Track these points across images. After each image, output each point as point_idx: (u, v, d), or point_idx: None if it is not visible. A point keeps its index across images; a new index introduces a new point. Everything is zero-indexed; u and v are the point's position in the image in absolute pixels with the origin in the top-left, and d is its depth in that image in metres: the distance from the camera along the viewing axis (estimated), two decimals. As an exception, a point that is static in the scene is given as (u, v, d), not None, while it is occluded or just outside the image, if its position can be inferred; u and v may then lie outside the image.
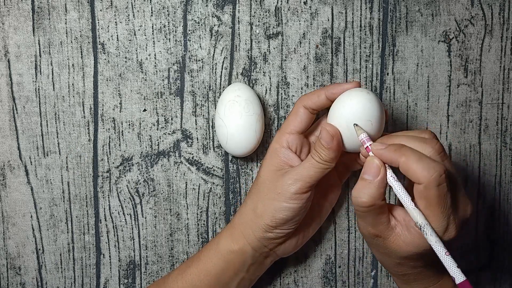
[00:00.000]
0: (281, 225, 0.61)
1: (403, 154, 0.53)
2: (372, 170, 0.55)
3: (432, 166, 0.52)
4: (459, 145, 0.70)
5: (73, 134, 0.68)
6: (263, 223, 0.61)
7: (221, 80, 0.68)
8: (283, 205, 0.60)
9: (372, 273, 0.71)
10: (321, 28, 0.67)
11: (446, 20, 0.68)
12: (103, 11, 0.66)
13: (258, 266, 0.64)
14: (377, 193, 0.54)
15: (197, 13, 0.67)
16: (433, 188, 0.52)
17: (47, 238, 0.70)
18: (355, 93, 0.58)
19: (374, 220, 0.55)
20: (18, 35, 0.67)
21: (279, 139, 0.63)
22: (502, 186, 0.71)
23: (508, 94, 0.69)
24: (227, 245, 0.63)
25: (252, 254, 0.62)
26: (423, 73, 0.68)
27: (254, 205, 0.62)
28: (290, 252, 0.65)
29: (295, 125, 0.62)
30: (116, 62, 0.67)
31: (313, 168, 0.59)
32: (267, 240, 0.62)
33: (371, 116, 0.57)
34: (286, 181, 0.60)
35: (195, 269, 0.63)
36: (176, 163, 0.69)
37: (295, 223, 0.61)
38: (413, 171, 0.53)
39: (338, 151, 0.59)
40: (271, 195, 0.61)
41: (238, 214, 0.64)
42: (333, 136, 0.58)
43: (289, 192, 0.60)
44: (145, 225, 0.70)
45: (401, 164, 0.53)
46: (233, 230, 0.63)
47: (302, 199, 0.60)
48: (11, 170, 0.68)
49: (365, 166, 0.55)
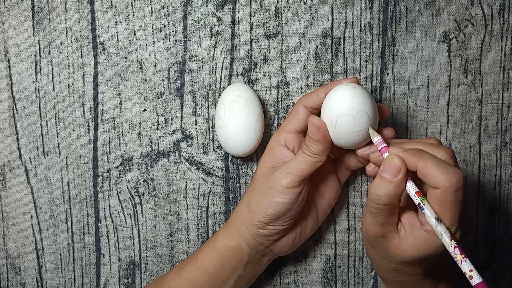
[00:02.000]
0: (273, 220, 0.61)
1: (421, 158, 0.54)
2: (392, 169, 0.55)
3: (452, 171, 0.53)
4: (459, 145, 0.70)
5: (73, 134, 0.68)
6: (256, 220, 0.61)
7: (221, 80, 0.68)
8: (274, 199, 0.60)
9: (372, 273, 0.71)
10: (321, 28, 0.67)
11: (446, 20, 0.68)
12: (103, 11, 0.66)
13: (256, 264, 0.64)
14: (394, 193, 0.55)
15: (197, 13, 0.67)
16: (451, 193, 0.52)
17: (47, 238, 0.70)
18: (341, 87, 0.58)
19: (385, 220, 0.55)
20: (18, 35, 0.67)
21: (277, 137, 0.63)
22: (502, 186, 0.71)
23: (508, 94, 0.69)
24: (224, 243, 0.63)
25: (248, 251, 0.62)
26: (423, 73, 0.68)
27: (249, 202, 0.62)
28: (288, 251, 0.65)
29: (293, 124, 0.62)
30: (116, 62, 0.67)
31: (303, 162, 0.60)
32: (261, 237, 0.62)
33: (353, 110, 0.58)
34: (277, 175, 0.60)
35: (193, 267, 0.63)
36: (176, 163, 0.69)
37: (288, 219, 0.61)
38: (432, 176, 0.53)
39: (326, 143, 0.59)
40: (264, 190, 0.61)
41: (234, 212, 0.64)
42: (319, 128, 0.59)
43: (280, 186, 0.60)
44: (145, 225, 0.70)
45: (420, 167, 0.54)
46: (229, 227, 0.63)
47: (294, 194, 0.60)
48: (11, 170, 0.68)
49: (385, 165, 0.55)
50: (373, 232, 0.56)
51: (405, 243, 0.55)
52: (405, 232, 0.56)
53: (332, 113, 0.58)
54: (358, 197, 0.70)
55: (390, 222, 0.56)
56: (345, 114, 0.58)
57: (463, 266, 0.52)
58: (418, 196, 0.55)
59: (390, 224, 0.56)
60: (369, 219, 0.56)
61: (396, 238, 0.56)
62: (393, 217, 0.56)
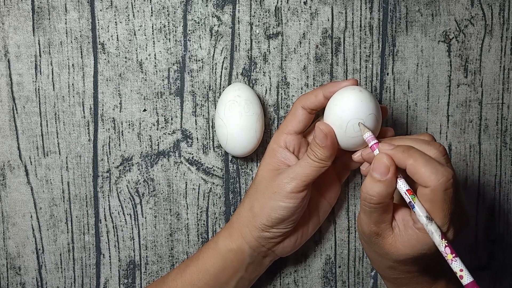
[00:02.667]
0: (277, 224, 0.61)
1: (411, 156, 0.53)
2: (381, 168, 0.54)
3: (441, 170, 0.52)
4: (459, 145, 0.70)
5: (73, 134, 0.68)
6: (260, 223, 0.61)
7: (221, 80, 0.68)
8: (279, 204, 0.60)
9: (372, 273, 0.71)
10: (321, 28, 0.67)
11: (446, 20, 0.68)
12: (103, 11, 0.66)
13: (257, 265, 0.64)
14: (386, 192, 0.54)
15: (197, 13, 0.67)
16: (440, 192, 0.52)
17: (47, 238, 0.70)
18: (348, 91, 0.58)
19: (378, 218, 0.55)
20: (18, 35, 0.67)
21: (277, 139, 0.63)
22: (502, 186, 0.71)
23: (508, 94, 0.69)
24: (226, 244, 0.63)
25: (250, 253, 0.62)
26: (423, 73, 0.68)
27: (251, 205, 0.62)
28: (289, 252, 0.65)
29: (293, 125, 0.62)
30: (116, 62, 0.67)
31: (309, 167, 0.59)
32: (264, 239, 0.62)
33: (363, 114, 0.57)
34: (282, 179, 0.60)
35: (194, 268, 0.63)
36: (176, 163, 0.69)
37: (291, 222, 0.61)
38: (421, 174, 0.52)
39: (333, 150, 0.59)
40: (268, 194, 0.61)
41: (236, 214, 0.64)
42: (327, 135, 0.58)
43: (285, 191, 0.60)
44: (145, 225, 0.70)
45: (409, 166, 0.53)
46: (231, 229, 0.63)
47: (298, 198, 0.60)
48: (11, 170, 0.68)
49: (374, 164, 0.55)
50: (368, 230, 0.56)
51: (399, 241, 0.55)
52: (399, 230, 0.55)
53: (342, 118, 0.57)
54: (358, 197, 0.70)
55: (384, 220, 0.55)
56: (356, 119, 0.57)
57: (453, 265, 0.52)
58: (409, 194, 0.54)
59: (384, 222, 0.55)
60: (363, 218, 0.56)
61: (390, 236, 0.56)
62: (387, 215, 0.55)
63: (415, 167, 0.53)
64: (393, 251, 0.55)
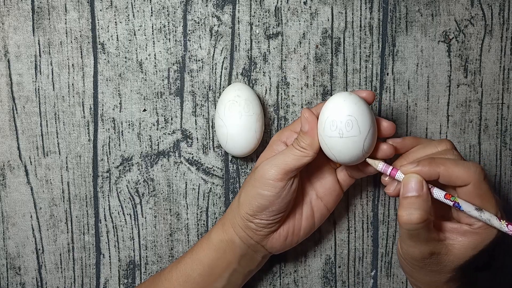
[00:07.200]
0: (257, 213, 0.61)
1: (440, 164, 0.55)
2: (414, 186, 0.55)
3: (470, 165, 0.54)
4: (459, 145, 0.70)
5: (73, 134, 0.68)
6: (243, 211, 0.62)
7: (221, 80, 0.68)
8: (258, 191, 0.60)
9: (372, 273, 0.71)
10: (321, 28, 0.67)
11: (446, 20, 0.68)
12: (103, 11, 0.66)
13: (249, 259, 0.64)
14: (427, 206, 0.55)
15: (197, 13, 0.67)
16: (482, 183, 0.54)
17: (47, 238, 0.70)
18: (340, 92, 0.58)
19: (427, 236, 0.55)
20: (18, 35, 0.67)
21: (280, 133, 0.64)
22: (502, 186, 0.71)
23: (508, 94, 0.69)
24: (218, 235, 0.63)
25: (240, 244, 0.63)
26: (423, 73, 0.68)
27: (240, 194, 0.63)
28: (280, 250, 0.65)
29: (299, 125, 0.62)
30: (116, 62, 0.67)
31: (290, 155, 0.60)
32: (250, 230, 0.62)
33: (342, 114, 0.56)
34: (263, 166, 0.60)
35: (189, 259, 0.64)
36: (176, 163, 0.69)
37: (273, 213, 0.61)
38: (457, 175, 0.54)
39: (312, 137, 0.59)
40: (251, 181, 0.61)
41: (230, 205, 0.65)
42: (308, 120, 0.59)
43: (264, 178, 0.60)
44: (145, 225, 0.70)
45: (442, 173, 0.55)
46: (224, 220, 0.64)
47: (276, 187, 0.60)
48: (11, 170, 0.68)
49: (404, 186, 0.56)
50: (419, 253, 0.56)
51: (457, 248, 0.56)
52: (453, 239, 0.56)
53: (323, 114, 0.58)
54: (358, 197, 0.70)
55: (433, 237, 0.56)
56: (334, 117, 0.57)
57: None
58: (449, 198, 0.55)
59: (433, 239, 0.56)
60: (410, 243, 0.56)
61: (444, 248, 0.56)
62: (433, 232, 0.56)
63: (448, 171, 0.54)
64: (453, 260, 0.56)
